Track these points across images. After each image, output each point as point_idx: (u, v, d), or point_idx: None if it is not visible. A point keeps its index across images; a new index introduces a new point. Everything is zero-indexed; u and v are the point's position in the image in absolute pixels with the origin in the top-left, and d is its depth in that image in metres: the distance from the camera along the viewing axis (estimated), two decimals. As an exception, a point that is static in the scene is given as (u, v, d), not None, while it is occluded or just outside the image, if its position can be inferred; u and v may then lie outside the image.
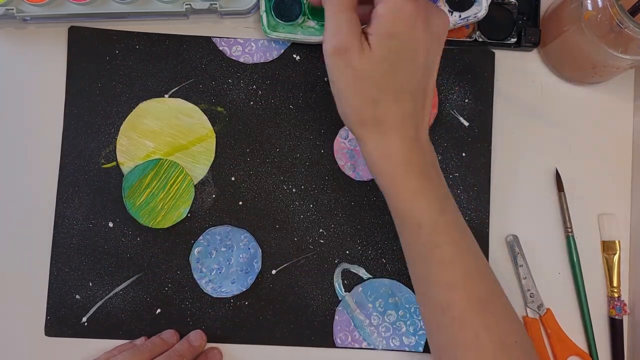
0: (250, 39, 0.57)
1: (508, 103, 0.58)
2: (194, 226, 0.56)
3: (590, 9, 0.49)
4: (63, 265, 0.55)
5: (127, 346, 0.54)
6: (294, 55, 0.57)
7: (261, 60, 0.57)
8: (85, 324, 0.55)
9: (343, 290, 0.56)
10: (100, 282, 0.55)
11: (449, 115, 0.57)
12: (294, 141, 0.57)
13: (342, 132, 0.57)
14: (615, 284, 0.57)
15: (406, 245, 0.47)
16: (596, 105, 0.59)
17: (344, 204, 0.57)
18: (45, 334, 0.55)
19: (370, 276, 0.56)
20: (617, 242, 0.57)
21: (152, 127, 0.56)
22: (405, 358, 0.56)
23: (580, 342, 0.56)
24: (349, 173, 0.57)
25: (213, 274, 0.56)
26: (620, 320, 0.56)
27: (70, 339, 0.55)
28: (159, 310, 0.55)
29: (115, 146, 0.56)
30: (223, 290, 0.55)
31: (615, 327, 0.56)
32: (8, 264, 0.56)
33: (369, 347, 0.56)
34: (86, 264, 0.55)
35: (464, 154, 0.57)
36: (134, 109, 0.57)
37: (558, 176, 0.58)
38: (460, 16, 0.56)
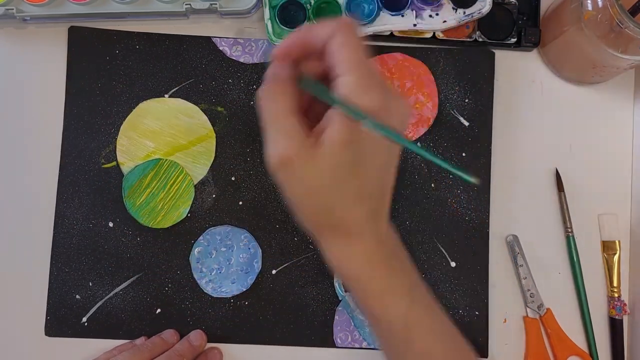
0: (250, 39, 0.57)
1: (508, 103, 0.58)
2: (194, 226, 0.56)
3: (590, 9, 0.49)
4: (63, 265, 0.55)
5: (127, 346, 0.54)
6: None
7: (261, 60, 0.57)
8: (85, 324, 0.55)
9: (343, 290, 0.56)
10: (100, 282, 0.55)
11: (449, 115, 0.57)
12: (294, 141, 0.57)
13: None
14: (615, 284, 0.57)
15: (380, 342, 0.46)
16: (596, 105, 0.59)
17: (344, 204, 0.57)
18: (45, 334, 0.55)
19: (370, 276, 0.56)
20: (617, 242, 0.57)
21: (152, 127, 0.56)
22: (405, 358, 0.56)
23: (580, 342, 0.56)
24: (349, 173, 0.57)
25: (213, 274, 0.56)
26: (620, 320, 0.56)
27: (70, 339, 0.55)
28: (159, 310, 0.55)
29: (115, 146, 0.56)
30: (223, 290, 0.55)
31: (615, 327, 0.56)
32: (8, 264, 0.56)
33: (369, 347, 0.56)
34: (86, 264, 0.55)
35: (464, 154, 0.57)
36: (134, 109, 0.57)
37: (558, 176, 0.58)
38: (464, 12, 0.56)
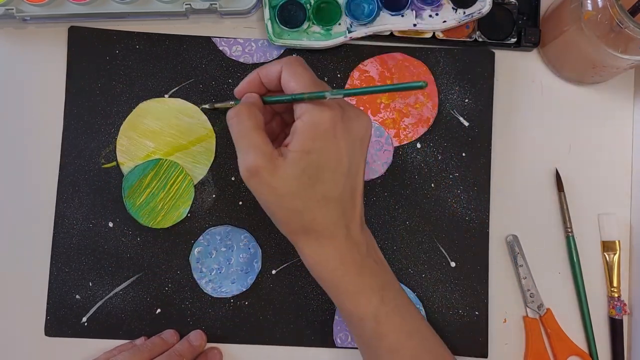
0: (250, 39, 0.57)
1: (508, 103, 0.58)
2: (194, 226, 0.56)
3: (590, 9, 0.49)
4: (63, 265, 0.55)
5: (127, 346, 0.54)
6: (294, 55, 0.57)
7: (261, 60, 0.57)
8: (85, 324, 0.55)
9: (343, 290, 0.56)
10: (100, 282, 0.55)
11: (449, 115, 0.57)
12: (294, 141, 0.57)
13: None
14: (615, 284, 0.57)
15: (354, 336, 0.48)
16: (596, 105, 0.59)
17: (344, 204, 0.57)
18: (45, 334, 0.55)
19: (370, 276, 0.56)
20: (617, 242, 0.57)
21: (152, 127, 0.56)
22: (405, 358, 0.56)
23: (580, 342, 0.56)
24: (349, 173, 0.57)
25: (213, 274, 0.56)
26: (620, 320, 0.56)
27: (70, 339, 0.55)
28: (159, 310, 0.55)
29: (115, 146, 0.56)
30: (223, 290, 0.55)
31: (615, 327, 0.56)
32: (8, 264, 0.56)
33: (369, 347, 0.56)
34: (86, 264, 0.55)
35: (464, 154, 0.57)
36: (134, 109, 0.57)
37: (558, 176, 0.58)
38: (464, 12, 0.56)
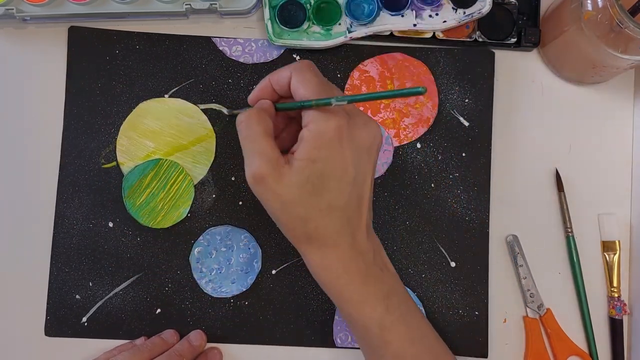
0: (250, 39, 0.57)
1: (508, 103, 0.58)
2: (194, 226, 0.56)
3: (590, 9, 0.49)
4: (63, 265, 0.55)
5: (127, 346, 0.54)
6: (294, 56, 0.57)
7: (261, 60, 0.57)
8: (85, 324, 0.55)
9: (343, 290, 0.56)
10: (100, 282, 0.55)
11: (449, 115, 0.57)
12: (294, 141, 0.57)
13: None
14: (615, 284, 0.57)
15: (359, 341, 0.48)
16: (596, 105, 0.59)
17: (344, 204, 0.57)
18: (45, 334, 0.55)
19: (370, 276, 0.56)
20: (617, 242, 0.57)
21: (152, 127, 0.56)
22: (405, 358, 0.56)
23: (580, 342, 0.56)
24: (349, 173, 0.57)
25: (213, 274, 0.56)
26: (620, 320, 0.56)
27: (70, 339, 0.55)
28: (159, 310, 0.55)
29: (115, 146, 0.56)
30: (223, 290, 0.55)
31: (615, 327, 0.56)
32: (8, 264, 0.56)
33: (369, 347, 0.56)
34: (86, 264, 0.55)
35: (464, 154, 0.57)
36: (134, 109, 0.57)
37: (558, 176, 0.58)
38: (464, 12, 0.56)
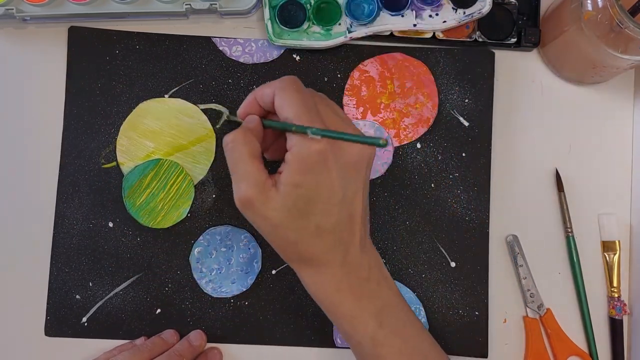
0: (250, 39, 0.57)
1: (508, 103, 0.58)
2: (194, 226, 0.56)
3: (590, 9, 0.49)
4: (63, 265, 0.55)
5: (127, 346, 0.54)
6: (294, 56, 0.57)
7: (261, 61, 0.57)
8: (85, 324, 0.55)
9: (343, 290, 0.56)
10: (100, 282, 0.55)
11: (449, 115, 0.57)
12: (294, 141, 0.57)
13: (342, 132, 0.57)
14: (615, 284, 0.57)
15: (354, 353, 0.48)
16: (596, 105, 0.59)
17: (344, 204, 0.57)
18: (45, 334, 0.55)
19: (370, 276, 0.56)
20: (617, 242, 0.57)
21: (152, 127, 0.56)
22: (405, 358, 0.56)
23: (580, 342, 0.56)
24: (349, 173, 0.57)
25: (213, 274, 0.56)
26: (620, 320, 0.56)
27: (70, 339, 0.55)
28: (159, 310, 0.55)
29: (115, 146, 0.56)
30: (223, 290, 0.55)
31: (615, 327, 0.56)
32: (8, 264, 0.56)
33: (369, 347, 0.56)
34: (86, 264, 0.55)
35: (464, 154, 0.57)
36: (134, 109, 0.57)
37: (558, 176, 0.58)
38: (464, 12, 0.56)
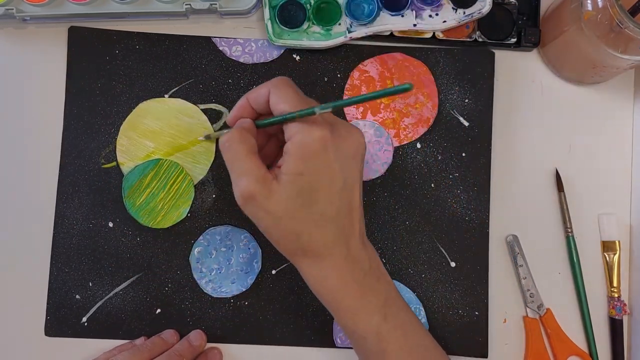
0: (250, 39, 0.57)
1: (508, 103, 0.58)
2: (194, 226, 0.56)
3: (590, 9, 0.49)
4: (63, 265, 0.55)
5: (127, 346, 0.54)
6: (294, 56, 0.57)
7: (261, 60, 0.57)
8: (85, 324, 0.55)
9: (343, 290, 0.56)
10: (100, 282, 0.55)
11: (449, 115, 0.57)
12: (294, 141, 0.57)
13: (342, 132, 0.57)
14: (615, 284, 0.57)
15: (356, 350, 0.48)
16: (596, 105, 0.59)
17: (344, 204, 0.57)
18: (45, 334, 0.55)
19: (370, 276, 0.56)
20: (617, 242, 0.57)
21: (152, 127, 0.57)
22: (405, 358, 0.56)
23: (580, 342, 0.56)
24: (349, 173, 0.57)
25: (213, 274, 0.56)
26: (620, 320, 0.56)
27: (70, 339, 0.55)
28: (159, 310, 0.55)
29: (115, 146, 0.56)
30: (223, 290, 0.55)
31: (615, 327, 0.56)
32: (8, 264, 0.56)
33: (369, 347, 0.56)
34: (86, 264, 0.55)
35: (464, 154, 0.57)
36: (134, 109, 0.57)
37: (558, 176, 0.58)
38: (464, 12, 0.56)
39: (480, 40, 0.58)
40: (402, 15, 0.56)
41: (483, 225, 0.57)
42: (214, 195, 0.56)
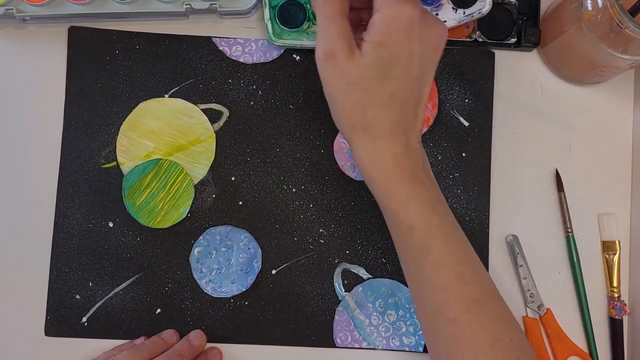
0: (250, 39, 0.57)
1: (508, 103, 0.58)
2: (194, 226, 0.56)
3: (590, 9, 0.49)
4: (63, 265, 0.55)
5: (127, 346, 0.54)
6: (294, 56, 0.57)
7: (261, 60, 0.57)
8: (85, 324, 0.55)
9: (343, 290, 0.56)
10: (100, 282, 0.55)
11: (449, 115, 0.57)
12: (294, 141, 0.57)
13: (342, 132, 0.57)
14: (615, 284, 0.57)
15: (399, 247, 0.47)
16: (596, 105, 0.59)
17: (344, 204, 0.57)
18: (45, 334, 0.55)
19: (370, 276, 0.56)
20: (617, 242, 0.57)
21: (152, 127, 0.57)
22: (405, 358, 0.56)
23: (580, 342, 0.56)
24: (349, 173, 0.57)
25: (213, 274, 0.56)
26: (620, 320, 0.56)
27: (70, 339, 0.55)
28: (159, 310, 0.56)
29: (115, 146, 0.56)
30: (223, 290, 0.55)
31: (615, 327, 0.56)
32: (8, 264, 0.56)
33: (369, 347, 0.56)
34: (86, 264, 0.55)
35: (464, 154, 0.57)
36: (134, 109, 0.57)
37: (558, 176, 0.58)
38: (464, 12, 0.56)
39: (480, 40, 0.58)
40: (402, 15, 0.56)
41: (483, 225, 0.57)
42: (214, 195, 0.56)
